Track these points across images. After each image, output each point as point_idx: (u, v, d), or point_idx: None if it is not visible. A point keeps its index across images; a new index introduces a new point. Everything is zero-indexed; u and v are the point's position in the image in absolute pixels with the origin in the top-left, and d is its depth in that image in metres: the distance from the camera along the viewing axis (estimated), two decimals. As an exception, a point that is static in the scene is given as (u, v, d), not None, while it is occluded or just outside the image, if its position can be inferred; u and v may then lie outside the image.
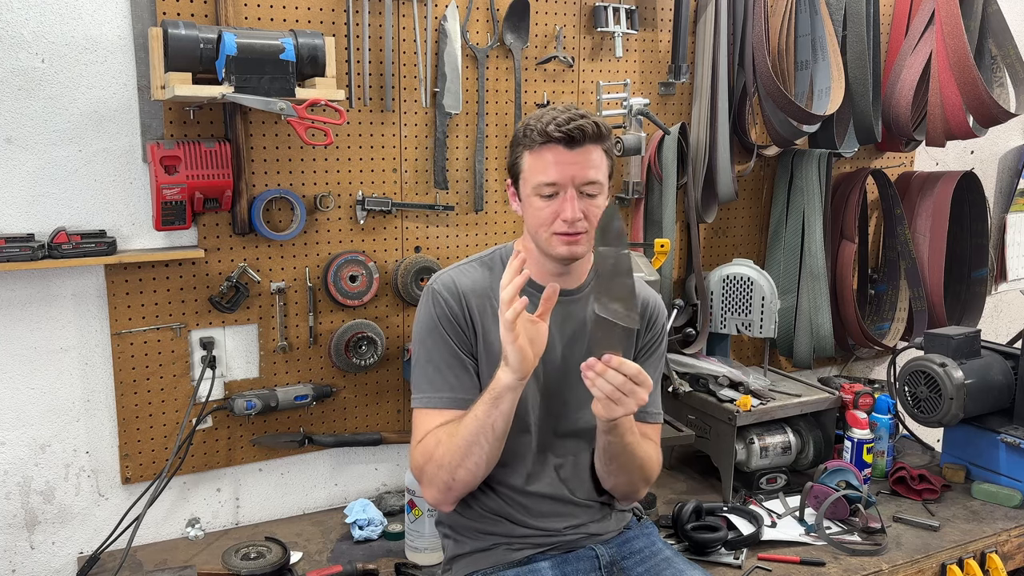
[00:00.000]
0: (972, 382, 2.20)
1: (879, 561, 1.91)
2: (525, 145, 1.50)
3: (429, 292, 1.58)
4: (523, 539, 1.58)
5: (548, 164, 1.47)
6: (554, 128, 1.45)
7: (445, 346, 1.54)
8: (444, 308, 1.55)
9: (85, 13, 1.79)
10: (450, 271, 1.62)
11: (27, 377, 1.87)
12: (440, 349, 1.55)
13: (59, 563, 1.96)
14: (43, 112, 1.79)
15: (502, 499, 1.59)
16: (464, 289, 1.57)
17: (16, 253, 1.72)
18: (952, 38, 2.48)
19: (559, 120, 1.45)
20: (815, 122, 2.55)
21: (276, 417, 2.11)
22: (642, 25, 2.42)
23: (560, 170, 1.46)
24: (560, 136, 1.45)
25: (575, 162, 1.47)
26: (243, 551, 1.89)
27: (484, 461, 1.46)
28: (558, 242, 1.50)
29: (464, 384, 1.54)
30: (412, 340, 1.64)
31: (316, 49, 1.82)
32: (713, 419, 2.24)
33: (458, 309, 1.55)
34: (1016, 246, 3.37)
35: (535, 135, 1.47)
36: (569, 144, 1.46)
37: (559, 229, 1.49)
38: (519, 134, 1.53)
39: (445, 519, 1.67)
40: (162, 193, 1.82)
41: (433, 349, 1.55)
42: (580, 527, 1.61)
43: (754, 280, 2.38)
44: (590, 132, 1.46)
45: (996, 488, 2.23)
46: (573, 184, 1.47)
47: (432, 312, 1.56)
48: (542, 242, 1.53)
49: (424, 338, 1.57)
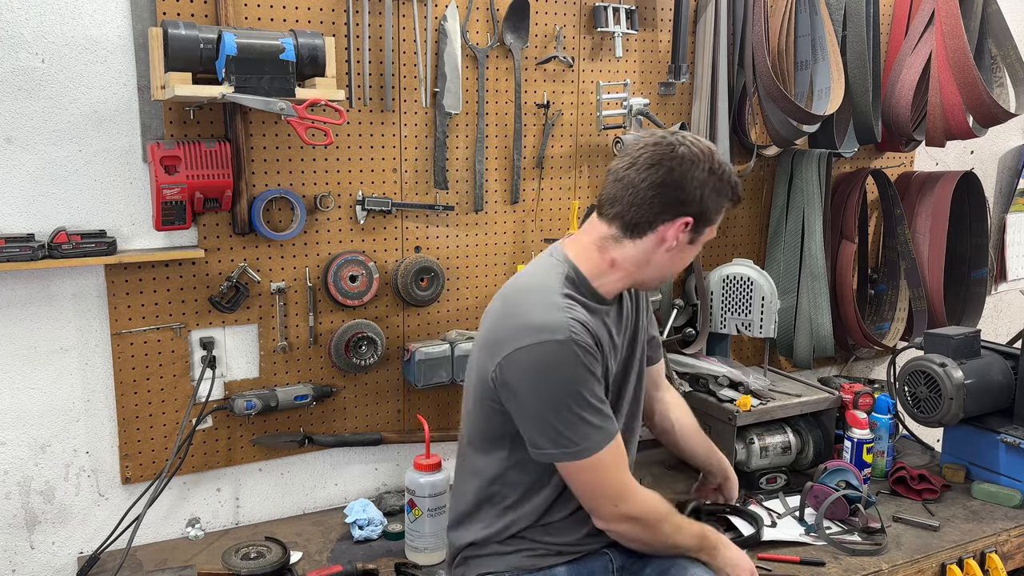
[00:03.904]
0: (972, 382, 2.20)
1: (879, 561, 1.91)
2: (728, 199, 1.57)
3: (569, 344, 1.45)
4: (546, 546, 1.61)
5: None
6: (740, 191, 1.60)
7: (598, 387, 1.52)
8: (592, 353, 1.49)
9: (85, 13, 1.79)
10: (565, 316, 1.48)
11: (27, 377, 1.87)
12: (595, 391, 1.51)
13: (59, 563, 1.96)
14: (43, 112, 1.79)
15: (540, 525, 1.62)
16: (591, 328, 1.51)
17: (16, 253, 1.72)
18: (952, 38, 2.48)
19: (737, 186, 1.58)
20: (815, 122, 2.55)
21: (276, 417, 2.11)
22: (642, 25, 2.42)
23: None
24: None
25: None
26: (243, 551, 1.89)
27: None
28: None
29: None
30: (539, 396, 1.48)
31: (316, 49, 1.82)
32: (713, 419, 2.24)
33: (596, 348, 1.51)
34: (1016, 246, 3.37)
35: (735, 195, 1.58)
36: None
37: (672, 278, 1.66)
38: (728, 184, 1.55)
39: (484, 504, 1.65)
40: (162, 193, 1.82)
41: (591, 396, 1.49)
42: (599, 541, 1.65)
43: (754, 280, 2.38)
44: None
45: (996, 488, 2.23)
46: None
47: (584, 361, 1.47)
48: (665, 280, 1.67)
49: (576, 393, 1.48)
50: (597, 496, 1.55)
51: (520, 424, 1.53)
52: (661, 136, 1.54)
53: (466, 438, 1.68)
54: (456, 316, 2.30)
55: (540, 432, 1.50)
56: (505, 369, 1.48)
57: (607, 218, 1.57)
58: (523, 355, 1.46)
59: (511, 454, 1.59)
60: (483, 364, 1.55)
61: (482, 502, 1.63)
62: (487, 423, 1.59)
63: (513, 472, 1.60)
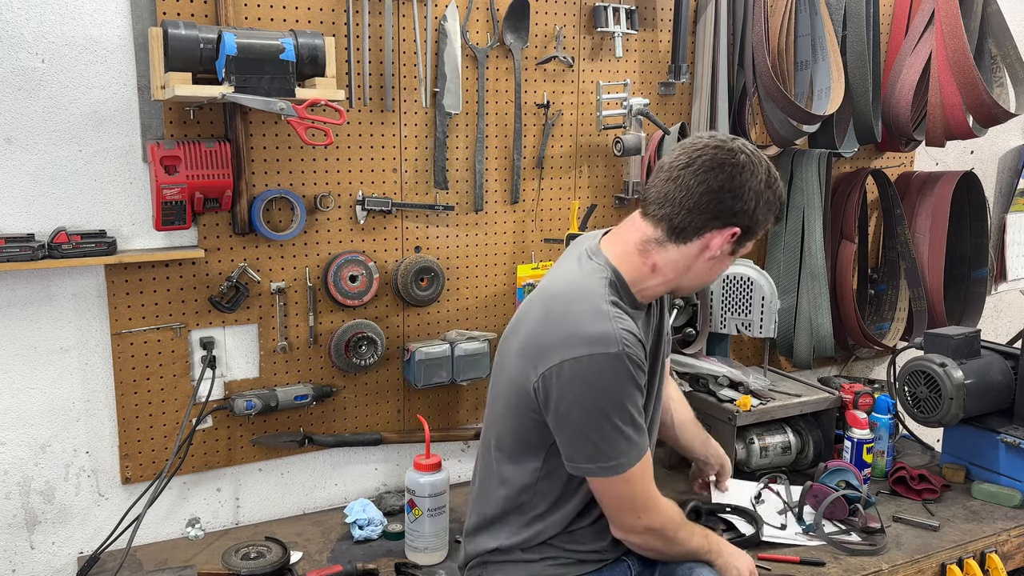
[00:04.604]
0: (972, 382, 2.20)
1: (879, 561, 1.91)
2: (777, 217, 1.58)
3: (622, 358, 1.41)
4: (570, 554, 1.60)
5: None
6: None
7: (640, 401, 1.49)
8: (640, 367, 1.46)
9: (85, 13, 1.79)
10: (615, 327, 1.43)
11: (27, 377, 1.87)
12: (638, 406, 1.48)
13: (59, 563, 1.96)
14: (43, 112, 1.79)
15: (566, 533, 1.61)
16: (639, 338, 1.47)
17: (16, 253, 1.72)
18: (952, 38, 2.48)
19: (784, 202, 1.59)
20: (815, 122, 2.55)
21: (276, 417, 2.11)
22: (642, 25, 2.42)
23: None
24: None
25: None
26: (243, 551, 1.89)
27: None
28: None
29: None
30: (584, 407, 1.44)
31: (316, 49, 1.82)
32: (713, 419, 2.24)
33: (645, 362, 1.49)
34: (1016, 246, 3.37)
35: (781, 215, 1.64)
36: None
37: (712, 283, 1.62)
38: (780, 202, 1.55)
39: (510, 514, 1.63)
40: (162, 193, 1.82)
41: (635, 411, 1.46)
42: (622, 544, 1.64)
43: (754, 280, 2.38)
44: None
45: (996, 488, 2.23)
46: None
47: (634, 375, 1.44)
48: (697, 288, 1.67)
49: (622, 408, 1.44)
50: (624, 508, 1.53)
51: (558, 436, 1.48)
52: (722, 140, 1.47)
53: (493, 443, 1.62)
54: (456, 316, 2.30)
55: (578, 446, 1.46)
56: (550, 380, 1.43)
57: (654, 219, 1.50)
58: (572, 366, 1.41)
59: (544, 464, 1.55)
60: (524, 372, 1.48)
61: (509, 511, 1.59)
62: (523, 432, 1.55)
63: (544, 483, 1.56)
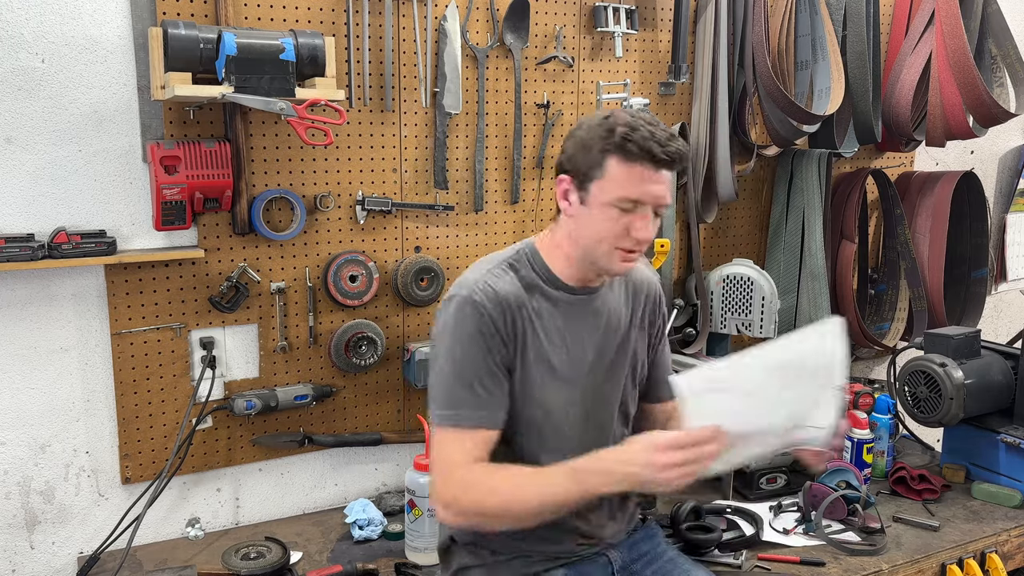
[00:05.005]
0: (972, 382, 2.20)
1: (879, 561, 1.91)
2: (616, 152, 1.41)
3: (468, 302, 1.45)
4: (541, 553, 1.58)
5: (638, 180, 1.41)
6: (659, 149, 1.39)
7: (484, 361, 1.44)
8: (489, 320, 1.44)
9: (85, 13, 1.79)
10: (483, 277, 1.48)
11: (27, 377, 1.87)
12: (477, 364, 1.44)
13: (59, 563, 1.96)
14: (43, 112, 1.79)
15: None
16: (506, 298, 1.47)
17: (16, 253, 1.72)
18: (952, 38, 2.48)
19: (660, 139, 1.40)
20: (815, 122, 2.55)
21: (276, 417, 2.11)
22: (642, 25, 2.42)
23: (648, 189, 1.41)
24: (663, 159, 1.40)
25: (661, 183, 1.43)
26: (243, 551, 1.89)
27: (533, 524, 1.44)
28: (618, 258, 1.45)
29: (498, 402, 1.47)
30: (435, 351, 1.50)
31: (316, 49, 1.82)
32: (713, 419, 2.24)
33: (502, 321, 1.46)
34: (1016, 246, 3.37)
35: (634, 147, 1.39)
36: (660, 165, 1.41)
37: (626, 245, 1.44)
38: (610, 136, 1.41)
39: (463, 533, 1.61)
40: (162, 193, 1.82)
41: (467, 364, 1.44)
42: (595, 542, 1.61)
43: (754, 280, 2.38)
44: (681, 158, 1.43)
45: (996, 488, 2.23)
46: (654, 205, 1.43)
47: (473, 324, 1.44)
48: (598, 254, 1.46)
49: (456, 351, 1.45)
50: (433, 469, 1.47)
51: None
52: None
53: None
54: (456, 316, 2.30)
55: (430, 386, 1.49)
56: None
57: None
58: (441, 307, 1.50)
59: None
60: None
61: None
62: None
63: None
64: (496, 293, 1.46)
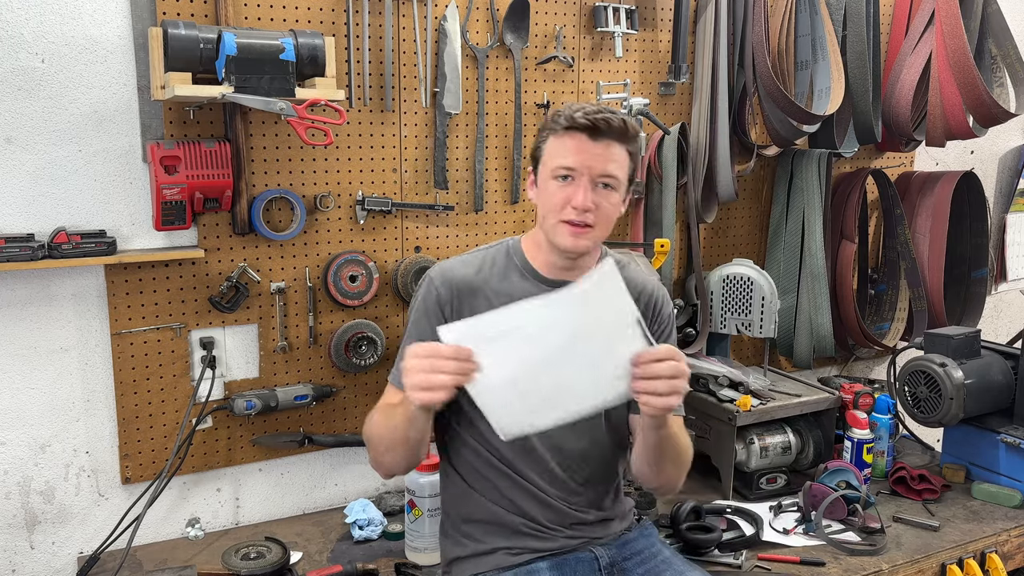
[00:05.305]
0: (972, 382, 2.20)
1: (879, 561, 1.91)
2: (551, 129, 1.51)
3: (426, 278, 1.62)
4: (523, 546, 1.59)
5: (569, 149, 1.48)
6: (581, 116, 1.46)
7: (426, 332, 1.53)
8: (435, 296, 1.57)
9: (85, 13, 1.79)
10: (452, 260, 1.64)
11: (27, 377, 1.87)
12: (421, 334, 1.53)
13: (59, 563, 1.96)
14: (43, 112, 1.79)
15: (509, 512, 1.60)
16: (458, 280, 1.58)
17: (16, 253, 1.72)
18: (952, 38, 2.48)
19: (587, 110, 1.47)
20: (815, 122, 2.55)
21: (276, 417, 2.11)
22: (642, 25, 2.42)
23: (580, 157, 1.47)
24: (585, 124, 1.46)
25: (596, 153, 1.47)
26: (243, 551, 1.89)
27: (403, 459, 1.54)
28: (565, 231, 1.49)
29: None
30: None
31: (316, 49, 1.82)
32: (713, 419, 2.24)
33: (447, 299, 1.57)
34: (1016, 246, 3.37)
35: (561, 120, 1.48)
36: (593, 134, 1.46)
37: (567, 216, 1.48)
38: (547, 119, 1.54)
39: (448, 523, 1.67)
40: (162, 193, 1.82)
41: (415, 334, 1.56)
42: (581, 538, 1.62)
43: (754, 280, 2.38)
44: (615, 127, 1.47)
45: (996, 488, 2.23)
46: (590, 174, 1.47)
47: (423, 300, 1.59)
48: (549, 229, 1.52)
49: (411, 321, 1.62)
50: None
51: None
52: None
53: None
54: (456, 316, 2.30)
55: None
56: None
57: None
58: None
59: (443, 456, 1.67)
60: None
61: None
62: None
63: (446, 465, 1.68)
64: (451, 275, 1.58)
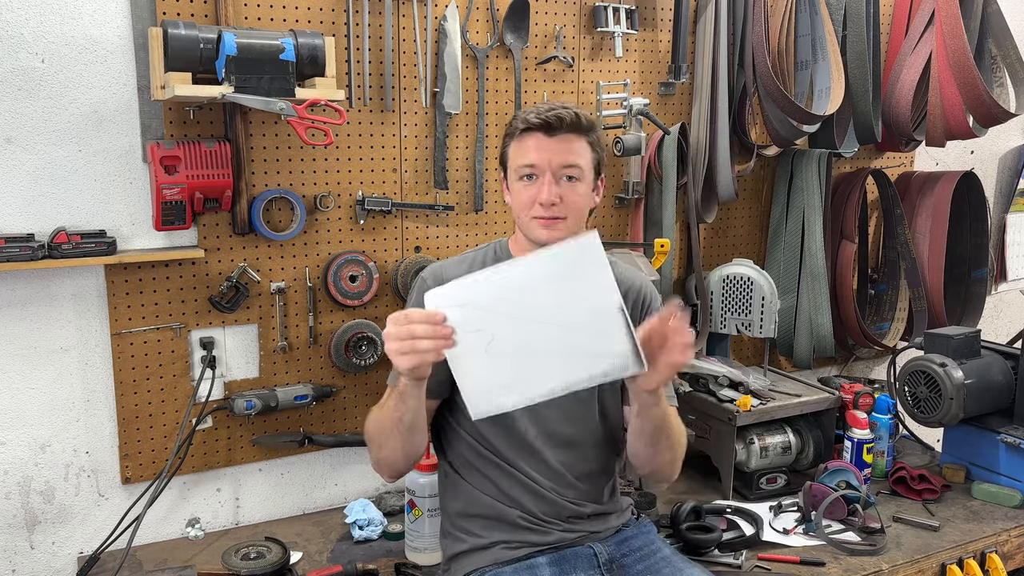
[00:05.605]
0: (972, 382, 2.20)
1: (879, 561, 1.91)
2: (510, 135, 1.59)
3: (419, 279, 1.65)
4: (522, 540, 1.60)
5: (528, 149, 1.54)
6: (534, 116, 1.53)
7: None
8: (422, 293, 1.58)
9: (85, 13, 1.79)
10: (444, 262, 1.69)
11: (27, 377, 1.87)
12: None
13: (59, 563, 1.96)
14: (43, 112, 1.79)
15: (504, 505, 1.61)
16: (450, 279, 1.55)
17: (16, 253, 1.72)
18: (952, 38, 2.48)
19: (540, 110, 1.54)
20: (815, 122, 2.55)
21: (276, 417, 2.11)
22: (642, 25, 2.42)
23: (539, 155, 1.53)
24: (538, 123, 1.52)
25: (554, 148, 1.53)
26: (243, 551, 1.89)
27: (400, 449, 1.53)
28: (537, 226, 1.55)
29: None
30: None
31: (316, 49, 1.82)
32: (713, 419, 2.24)
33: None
34: (1016, 246, 3.37)
35: (518, 123, 1.56)
36: (548, 131, 1.52)
37: (536, 213, 1.54)
38: (507, 126, 1.61)
39: (447, 521, 1.69)
40: (162, 193, 1.82)
41: None
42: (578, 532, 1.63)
43: (754, 280, 2.38)
44: (568, 120, 1.53)
45: (996, 488, 2.23)
46: (551, 168, 1.52)
47: (416, 299, 1.60)
48: (523, 227, 1.59)
49: None
50: None
51: None
52: None
53: None
54: (456, 316, 2.30)
55: None
56: None
57: None
58: None
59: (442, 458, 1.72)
60: None
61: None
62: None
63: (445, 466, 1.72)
64: (442, 275, 1.59)
